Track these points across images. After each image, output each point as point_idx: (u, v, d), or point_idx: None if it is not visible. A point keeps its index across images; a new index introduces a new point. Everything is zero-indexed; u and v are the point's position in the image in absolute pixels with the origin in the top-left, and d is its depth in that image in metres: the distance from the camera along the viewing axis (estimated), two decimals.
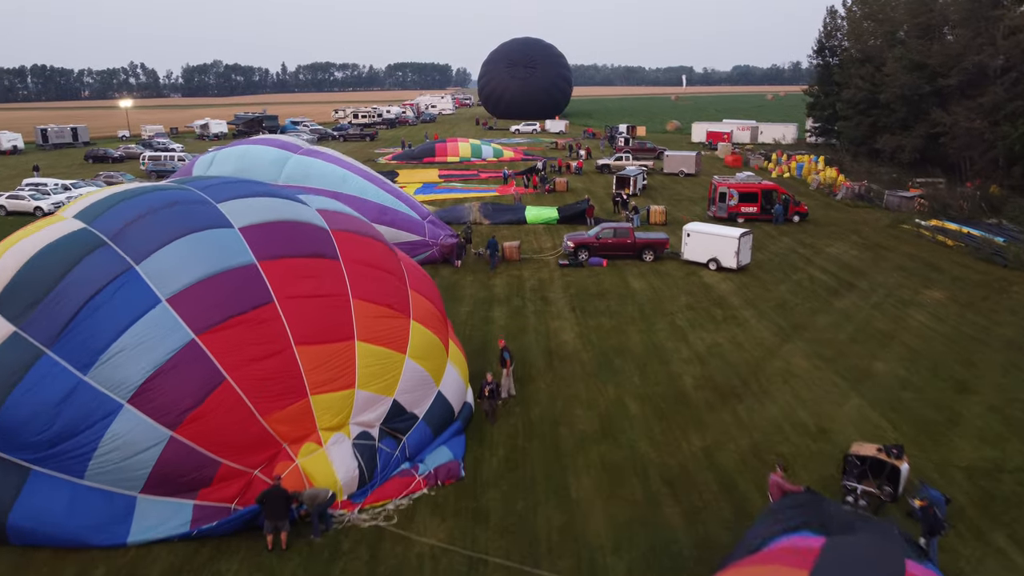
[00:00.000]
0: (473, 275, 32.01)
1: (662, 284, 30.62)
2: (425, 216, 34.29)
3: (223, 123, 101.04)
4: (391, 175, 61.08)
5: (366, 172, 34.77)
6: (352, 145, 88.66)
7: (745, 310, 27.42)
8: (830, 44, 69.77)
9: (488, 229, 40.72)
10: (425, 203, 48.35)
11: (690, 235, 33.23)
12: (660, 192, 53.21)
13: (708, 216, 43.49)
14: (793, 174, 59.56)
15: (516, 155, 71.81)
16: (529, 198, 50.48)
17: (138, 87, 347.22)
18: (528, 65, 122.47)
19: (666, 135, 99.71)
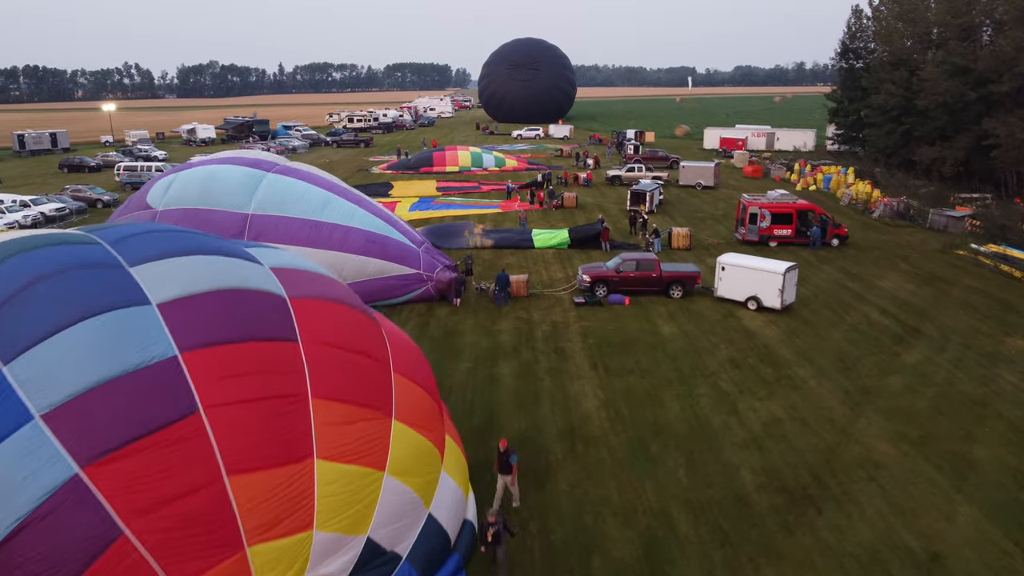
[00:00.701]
0: (474, 317, 27.48)
1: (696, 329, 26.11)
2: (420, 244, 29.78)
3: (211, 128, 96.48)
4: (385, 187, 56.72)
5: (352, 193, 30.28)
6: (346, 152, 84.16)
7: (800, 367, 22.92)
8: (855, 46, 65.23)
9: (491, 255, 36.18)
10: (421, 221, 44.04)
11: (725, 268, 28.72)
12: (677, 207, 48.71)
13: (736, 239, 38.99)
14: (819, 187, 55.05)
15: (519, 164, 67.31)
16: (535, 215, 45.96)
17: (132, 88, 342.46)
18: (530, 67, 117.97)
19: (675, 140, 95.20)
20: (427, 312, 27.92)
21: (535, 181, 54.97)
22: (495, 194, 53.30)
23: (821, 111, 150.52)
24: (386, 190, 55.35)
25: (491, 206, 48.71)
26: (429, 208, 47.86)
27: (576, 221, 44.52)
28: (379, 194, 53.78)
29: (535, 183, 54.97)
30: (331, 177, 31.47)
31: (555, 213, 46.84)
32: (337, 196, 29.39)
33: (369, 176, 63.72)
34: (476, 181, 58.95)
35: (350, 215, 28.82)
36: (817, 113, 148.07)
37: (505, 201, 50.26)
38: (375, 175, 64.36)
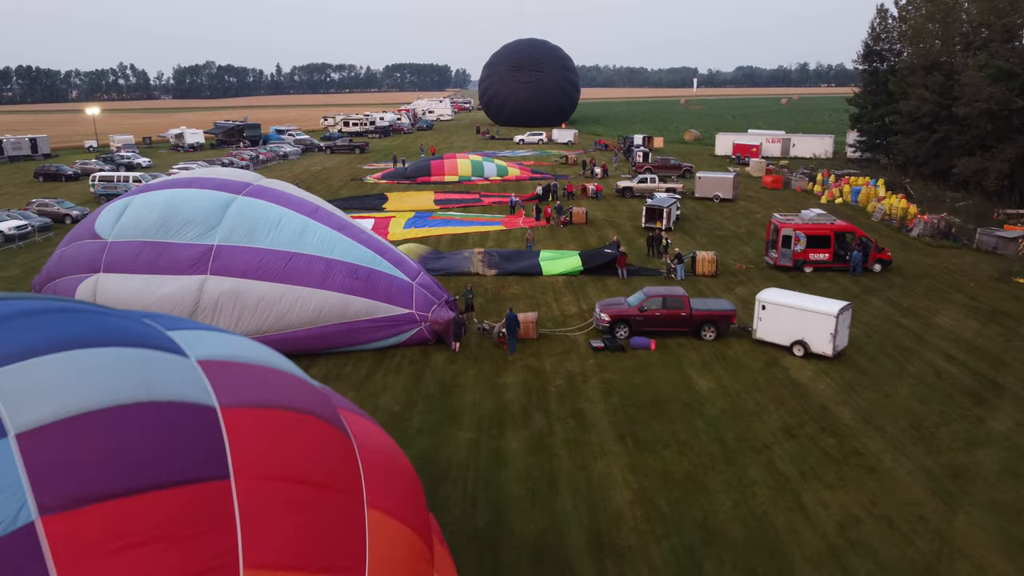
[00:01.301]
0: (477, 366, 23.56)
1: (737, 383, 22.19)
2: (414, 276, 25.88)
3: (199, 133, 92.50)
4: (379, 199, 52.85)
5: (335, 218, 26.40)
6: (340, 158, 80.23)
7: (868, 436, 19.02)
8: (879, 48, 61.33)
9: (494, 283, 32.24)
10: (417, 240, 40.14)
11: (766, 307, 24.81)
12: (695, 224, 44.80)
13: (767, 263, 35.09)
14: (847, 200, 51.13)
15: (522, 173, 63.37)
16: (542, 233, 42.04)
17: (128, 89, 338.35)
18: (533, 68, 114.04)
19: (684, 146, 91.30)
20: (421, 359, 24.00)
21: (537, 195, 51.11)
22: (497, 208, 49.37)
23: (831, 113, 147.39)
24: (380, 203, 51.47)
25: (493, 222, 44.77)
26: (426, 225, 43.95)
27: (587, 240, 40.64)
28: (373, 207, 49.93)
29: (537, 196, 51.12)
30: (311, 198, 27.58)
31: (563, 231, 42.91)
32: (317, 222, 25.51)
33: (363, 186, 59.84)
34: (477, 193, 55.02)
35: (332, 244, 24.93)
36: (826, 115, 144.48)
37: (508, 216, 46.33)
38: (369, 185, 60.47)
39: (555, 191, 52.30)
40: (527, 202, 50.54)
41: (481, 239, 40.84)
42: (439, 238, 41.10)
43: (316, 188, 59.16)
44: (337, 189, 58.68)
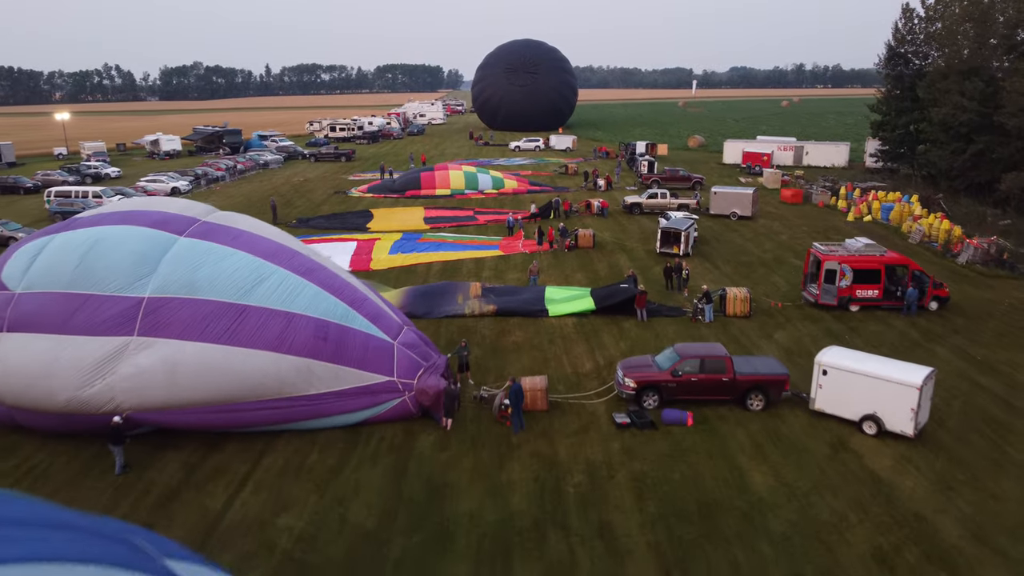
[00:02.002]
0: (473, 452, 18.86)
1: (801, 477, 17.58)
2: (396, 334, 21.18)
3: (176, 139, 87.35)
4: (364, 216, 48.14)
5: (300, 258, 21.64)
6: (324, 168, 75.33)
7: (991, 566, 14.45)
8: (904, 50, 56.91)
9: (492, 330, 27.50)
10: (404, 268, 35.46)
11: (828, 372, 20.20)
12: (714, 247, 40.22)
13: (805, 301, 30.49)
14: (876, 217, 46.63)
15: (520, 186, 58.66)
16: (545, 260, 37.36)
17: (113, 90, 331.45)
18: (529, 70, 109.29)
19: (689, 153, 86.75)
20: (404, 443, 19.26)
21: (535, 214, 46.46)
22: (494, 229, 44.64)
23: (835, 117, 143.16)
24: (364, 221, 46.73)
25: (490, 246, 40.06)
26: (414, 250, 39.20)
27: (595, 268, 36.01)
28: (356, 227, 45.21)
29: (536, 215, 46.50)
30: (272, 232, 22.88)
31: (568, 256, 38.23)
32: (277, 266, 20.76)
33: (347, 201, 55.03)
34: (471, 209, 50.28)
35: (294, 295, 20.21)
36: (831, 119, 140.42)
37: (507, 239, 41.61)
38: (353, 199, 55.68)
39: (557, 208, 47.63)
40: (526, 221, 45.89)
41: (476, 267, 36.16)
42: (429, 266, 36.38)
43: (296, 202, 54.39)
44: (319, 204, 53.87)
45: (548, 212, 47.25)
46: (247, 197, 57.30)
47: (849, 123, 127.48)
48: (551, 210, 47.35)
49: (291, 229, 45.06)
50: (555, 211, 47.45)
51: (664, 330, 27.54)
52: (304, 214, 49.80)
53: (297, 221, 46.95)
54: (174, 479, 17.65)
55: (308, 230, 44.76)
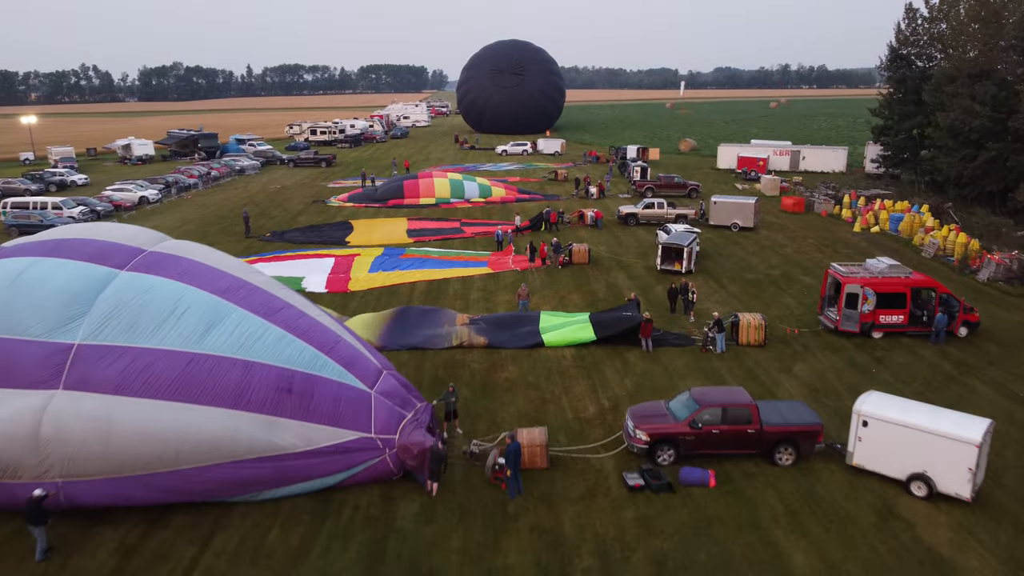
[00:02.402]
0: (462, 525, 16.08)
1: (848, 557, 14.97)
2: (374, 381, 18.38)
3: (148, 144, 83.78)
4: (343, 228, 45.27)
5: (260, 294, 18.78)
6: (303, 174, 72.19)
7: None
8: (907, 52, 54.73)
9: (481, 365, 24.72)
10: (385, 288, 32.66)
11: (868, 424, 17.63)
12: (716, 261, 37.70)
13: (824, 326, 27.97)
14: (884, 228, 44.31)
15: (508, 194, 55.91)
16: (537, 279, 34.66)
17: (90, 91, 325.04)
18: (515, 72, 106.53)
19: (681, 158, 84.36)
20: (382, 514, 16.46)
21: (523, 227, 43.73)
22: (482, 242, 41.88)
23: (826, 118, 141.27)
24: (343, 234, 43.82)
25: (478, 262, 37.29)
26: (396, 267, 36.34)
27: (592, 287, 33.34)
28: (335, 240, 42.33)
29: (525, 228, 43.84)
30: (230, 264, 19.99)
31: (562, 274, 35.53)
32: (235, 305, 17.92)
33: (325, 211, 52.04)
34: (457, 220, 47.47)
35: (254, 339, 17.40)
36: (822, 120, 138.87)
37: (496, 254, 38.86)
38: (333, 209, 52.69)
39: (547, 219, 44.93)
40: (515, 234, 43.19)
41: (463, 288, 33.37)
42: (412, 286, 33.54)
43: (272, 212, 51.34)
44: (296, 214, 50.85)
45: (539, 224, 44.57)
46: (219, 207, 54.17)
47: (840, 125, 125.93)
48: (542, 222, 44.67)
49: (265, 243, 42.14)
50: (545, 223, 44.76)
51: (672, 362, 24.91)
52: (279, 226, 46.79)
53: (271, 234, 43.95)
54: (106, 567, 14.75)
55: (283, 244, 41.81)
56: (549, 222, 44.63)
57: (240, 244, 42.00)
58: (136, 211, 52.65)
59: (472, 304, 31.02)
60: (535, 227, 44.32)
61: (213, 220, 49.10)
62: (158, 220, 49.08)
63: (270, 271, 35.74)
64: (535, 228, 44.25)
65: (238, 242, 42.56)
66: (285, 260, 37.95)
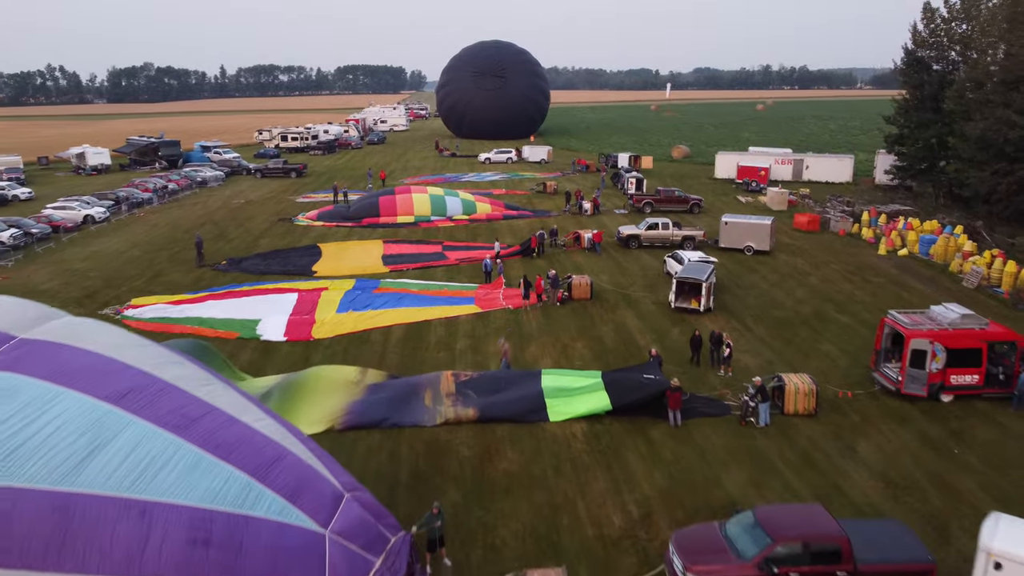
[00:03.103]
0: None
1: None
2: (332, 510, 13.36)
3: (104, 152, 77.75)
4: (311, 254, 40.30)
5: (170, 400, 13.63)
6: (271, 185, 66.78)
7: None
8: (925, 55, 50.63)
9: (472, 450, 19.83)
10: (356, 335, 27.72)
11: (1003, 567, 12.97)
12: (734, 294, 33.13)
13: (880, 385, 23.38)
14: (913, 251, 40.04)
15: (494, 210, 51.04)
16: (533, 322, 29.81)
17: (57, 92, 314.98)
18: (497, 74, 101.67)
19: (674, 166, 79.94)
20: None
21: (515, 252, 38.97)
22: (468, 271, 36.99)
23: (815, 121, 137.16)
24: (310, 261, 38.75)
25: (464, 299, 32.37)
26: (369, 305, 31.32)
27: (598, 330, 28.56)
28: (300, 270, 37.25)
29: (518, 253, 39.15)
30: (130, 348, 14.83)
31: (562, 313, 30.72)
32: (132, 414, 12.86)
33: (292, 232, 46.80)
34: (439, 243, 42.53)
35: (156, 466, 12.42)
36: (811, 123, 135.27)
37: (484, 288, 33.96)
38: (301, 229, 47.46)
39: (542, 243, 40.16)
40: (508, 256, 38.41)
41: (447, 333, 28.45)
42: (387, 332, 28.54)
43: (231, 233, 46.03)
44: (258, 236, 45.57)
45: (534, 248, 39.77)
46: (174, 226, 48.73)
47: (832, 128, 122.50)
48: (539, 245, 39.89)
49: (218, 273, 36.93)
50: (540, 247, 39.98)
51: (707, 441, 20.20)
52: (238, 251, 41.56)
53: (227, 262, 38.72)
54: None
55: (239, 275, 36.60)
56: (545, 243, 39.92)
57: (190, 275, 36.76)
58: (78, 232, 47.05)
59: (459, 356, 26.11)
60: (527, 252, 39.55)
61: (164, 243, 43.71)
62: (101, 244, 43.62)
63: (222, 311, 30.76)
64: (526, 253, 39.49)
65: (188, 272, 37.32)
66: (240, 296, 32.79)
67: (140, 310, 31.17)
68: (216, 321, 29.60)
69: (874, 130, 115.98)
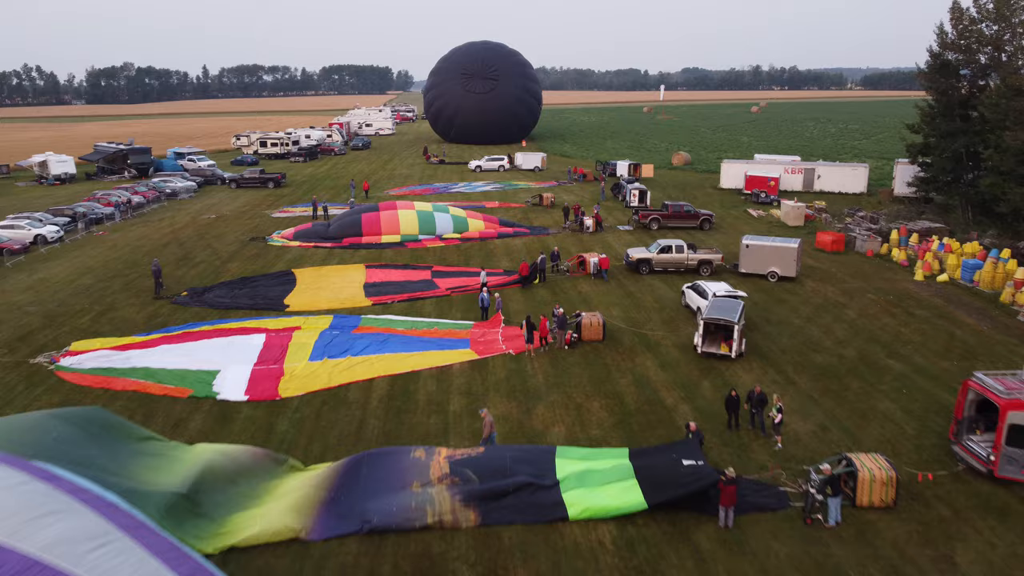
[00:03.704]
0: None
1: None
2: None
3: (69, 160, 72.72)
4: (285, 282, 36.06)
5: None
6: (246, 197, 62.17)
7: None
8: (953, 58, 46.82)
9: (477, 564, 15.57)
10: (330, 392, 23.47)
11: None
12: (765, 332, 29.07)
13: (961, 462, 19.33)
14: (954, 276, 36.16)
15: (487, 227, 46.77)
16: (540, 366, 25.58)
17: (35, 92, 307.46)
18: (487, 76, 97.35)
19: (674, 174, 75.89)
20: None
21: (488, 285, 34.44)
22: (461, 304, 32.72)
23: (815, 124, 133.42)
24: (283, 291, 34.35)
25: (458, 341, 28.10)
26: (347, 351, 26.96)
27: (614, 383, 24.37)
28: (270, 303, 32.87)
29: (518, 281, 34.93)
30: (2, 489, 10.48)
31: (571, 361, 26.50)
32: None
33: (264, 253, 42.29)
34: (428, 268, 38.25)
35: None
36: (811, 126, 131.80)
37: (481, 326, 29.69)
38: (274, 251, 42.94)
39: (542, 269, 35.99)
40: (501, 287, 34.20)
41: (439, 387, 24.18)
42: (368, 388, 24.21)
43: (196, 256, 41.51)
44: (227, 259, 41.07)
45: (533, 276, 35.60)
46: (135, 247, 44.11)
47: (833, 132, 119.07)
48: (537, 273, 35.73)
49: (177, 308, 32.46)
50: (541, 274, 35.82)
51: (767, 549, 16.08)
52: (203, 277, 37.10)
53: (188, 294, 34.24)
54: None
55: (201, 309, 32.14)
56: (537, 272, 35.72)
57: (145, 309, 32.27)
58: (25, 256, 42.34)
59: (453, 422, 21.84)
60: (530, 278, 35.38)
61: (121, 269, 39.15)
62: (50, 269, 38.99)
63: (175, 358, 26.38)
64: (529, 279, 35.32)
65: (143, 305, 32.82)
66: (199, 339, 28.32)
67: (80, 358, 26.68)
68: (167, 374, 25.19)
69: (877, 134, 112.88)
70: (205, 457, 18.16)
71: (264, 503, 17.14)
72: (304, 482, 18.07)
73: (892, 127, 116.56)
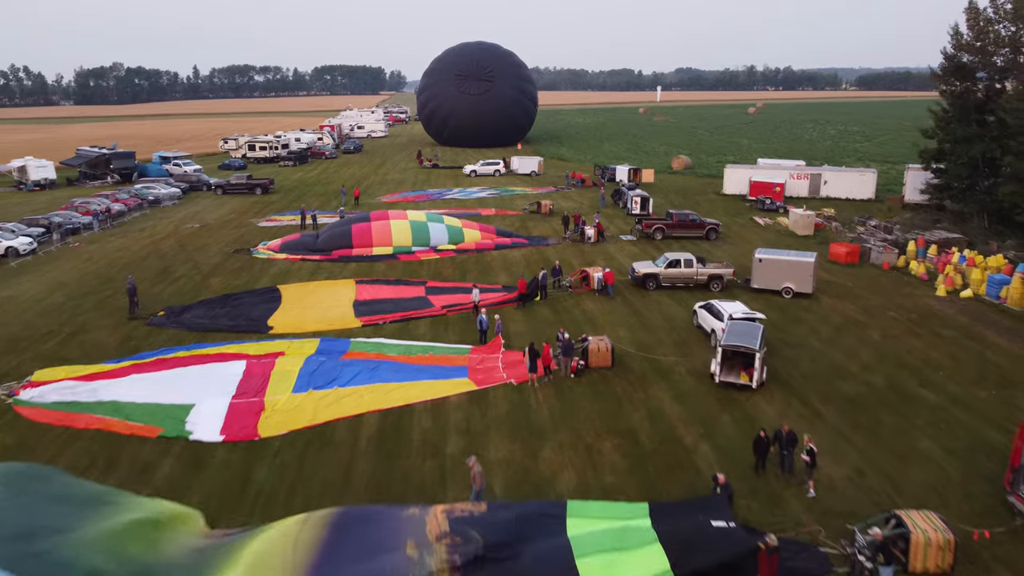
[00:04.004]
0: None
1: None
2: None
3: (49, 165, 70.21)
4: (270, 299, 33.96)
5: None
6: (232, 204, 59.85)
7: None
8: (968, 61, 44.97)
9: None
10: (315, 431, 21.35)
11: None
12: (785, 356, 27.06)
13: (1020, 515, 17.32)
14: (980, 292, 34.23)
15: (484, 237, 44.68)
16: (544, 398, 23.47)
17: (22, 93, 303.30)
18: (482, 78, 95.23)
19: (674, 179, 73.91)
20: None
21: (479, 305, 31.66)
22: (458, 324, 30.59)
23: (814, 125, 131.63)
24: (267, 311, 32.15)
25: (455, 369, 25.98)
26: (334, 381, 24.79)
27: (627, 418, 22.31)
28: (252, 324, 30.69)
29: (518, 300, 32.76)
30: None
31: (577, 392, 24.41)
32: None
33: (249, 267, 40.04)
34: (422, 284, 36.12)
35: None
36: (810, 127, 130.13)
37: (479, 351, 27.56)
38: (259, 264, 40.70)
39: (543, 286, 33.89)
40: (498, 305, 32.09)
41: (436, 426, 22.05)
42: (357, 427, 22.03)
43: (176, 271, 39.25)
44: (208, 273, 38.83)
45: (533, 293, 33.49)
46: (112, 261, 41.80)
47: (832, 134, 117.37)
48: (538, 290, 33.64)
49: (151, 330, 30.22)
50: (542, 291, 33.74)
51: None
52: (181, 295, 34.85)
53: (165, 313, 31.99)
54: None
55: (178, 331, 29.91)
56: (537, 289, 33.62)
57: (117, 332, 30.01)
58: None
59: (451, 466, 19.72)
60: (530, 296, 33.28)
61: (95, 285, 36.85)
62: (19, 286, 36.67)
63: (146, 390, 24.18)
64: (529, 298, 33.21)
65: (116, 327, 30.57)
66: (173, 367, 26.10)
67: (41, 390, 24.42)
68: (135, 408, 22.97)
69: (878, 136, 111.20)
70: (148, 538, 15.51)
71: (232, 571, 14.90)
72: (287, 545, 15.84)
73: (893, 129, 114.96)
